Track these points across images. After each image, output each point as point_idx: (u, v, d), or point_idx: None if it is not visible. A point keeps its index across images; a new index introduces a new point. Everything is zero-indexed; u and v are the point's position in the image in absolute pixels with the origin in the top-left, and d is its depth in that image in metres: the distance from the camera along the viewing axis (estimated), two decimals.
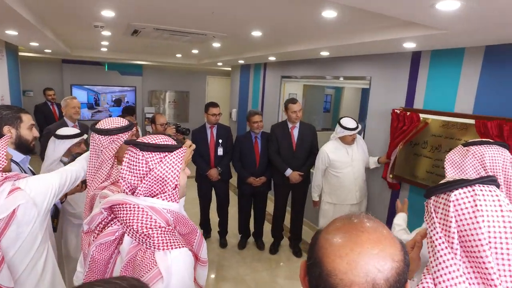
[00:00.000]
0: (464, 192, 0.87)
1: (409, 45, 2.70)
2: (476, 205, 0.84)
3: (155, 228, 1.06)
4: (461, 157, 1.35)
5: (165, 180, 1.10)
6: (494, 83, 2.49)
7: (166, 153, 1.12)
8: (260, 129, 3.79)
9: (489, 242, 0.82)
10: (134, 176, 1.10)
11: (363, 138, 3.61)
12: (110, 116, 7.26)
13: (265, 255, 3.97)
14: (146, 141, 1.13)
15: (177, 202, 1.13)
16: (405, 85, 3.18)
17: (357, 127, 3.21)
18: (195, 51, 5.40)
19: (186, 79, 8.75)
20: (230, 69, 7.47)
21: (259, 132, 3.80)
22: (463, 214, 0.85)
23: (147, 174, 1.09)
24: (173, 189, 1.12)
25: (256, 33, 3.31)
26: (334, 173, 3.36)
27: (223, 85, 9.00)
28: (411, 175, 3.10)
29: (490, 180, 0.87)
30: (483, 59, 2.55)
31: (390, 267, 0.63)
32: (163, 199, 1.10)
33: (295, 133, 3.74)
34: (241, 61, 5.93)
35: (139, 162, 1.10)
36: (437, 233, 0.88)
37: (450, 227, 0.86)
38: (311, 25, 2.79)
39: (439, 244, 0.87)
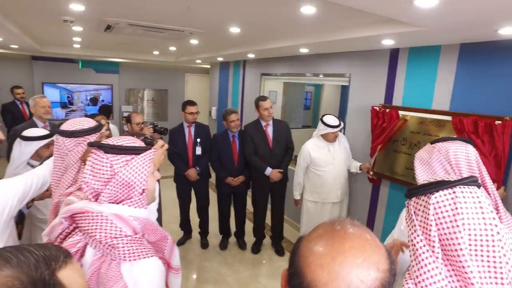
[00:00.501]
0: (445, 195, 0.84)
1: (388, 42, 2.70)
2: (456, 208, 0.82)
3: (121, 237, 0.98)
4: (428, 154, 1.39)
5: (131, 185, 1.03)
6: (469, 80, 2.53)
7: (133, 156, 1.05)
8: (237, 128, 3.72)
9: (470, 245, 0.80)
10: (98, 181, 1.02)
11: (344, 135, 3.61)
12: (86, 115, 7.00)
13: (247, 255, 3.93)
14: (111, 143, 1.06)
15: (145, 208, 1.07)
16: (384, 82, 3.19)
17: (339, 125, 3.21)
18: (172, 48, 5.27)
19: (165, 77, 8.56)
20: (209, 66, 7.35)
21: (236, 131, 3.74)
22: (443, 217, 0.83)
23: (111, 178, 1.02)
24: (140, 194, 1.05)
25: (234, 30, 3.24)
26: (316, 171, 3.35)
27: (202, 83, 8.87)
28: (390, 171, 3.12)
29: (471, 181, 0.84)
30: (458, 57, 2.58)
31: (374, 278, 0.58)
32: (129, 205, 1.03)
33: (270, 131, 3.68)
34: (220, 59, 5.84)
35: (103, 166, 1.02)
36: (418, 236, 0.86)
37: (430, 230, 0.83)
38: (290, 22, 2.75)
39: (420, 248, 0.84)
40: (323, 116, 3.29)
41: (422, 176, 1.39)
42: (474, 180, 0.85)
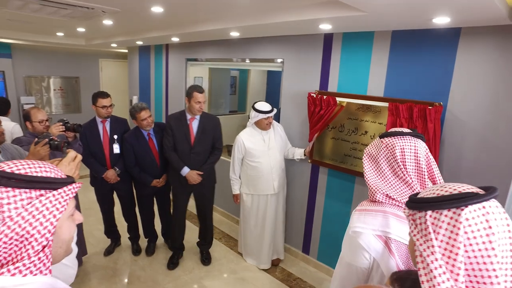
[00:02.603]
0: (475, 210, 0.70)
1: (325, 27, 2.60)
2: (490, 227, 0.68)
3: None
4: (376, 149, 1.30)
5: (26, 239, 0.67)
6: (401, 67, 2.58)
7: (43, 192, 0.71)
8: (151, 125, 3.23)
9: (506, 270, 0.68)
10: None
11: (279, 123, 3.51)
12: None
13: (184, 257, 3.64)
14: (8, 169, 0.69)
15: (47, 272, 0.70)
16: (318, 67, 3.13)
17: (271, 110, 3.09)
18: (81, 30, 4.52)
19: (74, 63, 7.44)
20: (126, 51, 6.61)
21: (151, 128, 3.27)
22: (474, 237, 0.68)
23: None
24: (36, 254, 0.67)
25: (157, 9, 2.83)
26: (251, 162, 3.20)
27: (120, 69, 7.99)
28: (329, 159, 3.12)
29: (496, 193, 0.73)
30: (390, 44, 2.61)
31: None
32: (13, 274, 0.65)
33: (194, 126, 3.18)
34: (140, 42, 5.24)
35: None
36: (436, 260, 0.70)
37: (457, 254, 0.68)
38: (221, 2, 2.46)
39: (440, 275, 0.69)
40: (255, 103, 3.16)
41: (370, 173, 1.28)
42: (496, 190, 0.73)
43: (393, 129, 1.33)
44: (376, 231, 1.14)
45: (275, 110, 3.14)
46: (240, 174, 3.34)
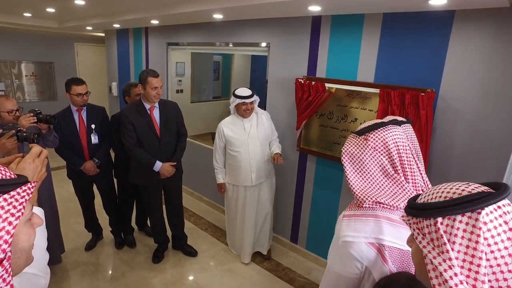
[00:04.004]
0: (491, 212, 0.61)
1: (314, 8, 2.47)
2: (510, 229, 0.61)
3: None
4: (359, 148, 1.13)
5: None
6: (392, 52, 2.49)
7: None
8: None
9: None
10: None
11: (265, 110, 3.39)
12: None
13: (169, 251, 3.53)
14: None
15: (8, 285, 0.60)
16: (306, 52, 3.01)
17: (251, 96, 2.93)
18: (50, 10, 4.20)
19: (48, 47, 7.00)
20: (103, 34, 6.27)
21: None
22: (495, 243, 0.60)
23: None
24: None
25: None
26: (231, 152, 3.07)
27: (98, 54, 7.61)
28: (317, 146, 3.03)
29: (510, 190, 0.64)
30: (381, 27, 2.51)
31: None
32: None
33: (156, 115, 2.95)
34: (117, 25, 4.95)
35: None
36: (456, 275, 0.61)
37: (479, 266, 0.60)
38: None
39: None
40: (236, 89, 3.01)
41: (354, 178, 1.13)
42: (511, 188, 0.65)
43: (370, 123, 1.16)
44: (368, 239, 1.04)
45: (255, 97, 2.98)
46: (225, 163, 3.23)
